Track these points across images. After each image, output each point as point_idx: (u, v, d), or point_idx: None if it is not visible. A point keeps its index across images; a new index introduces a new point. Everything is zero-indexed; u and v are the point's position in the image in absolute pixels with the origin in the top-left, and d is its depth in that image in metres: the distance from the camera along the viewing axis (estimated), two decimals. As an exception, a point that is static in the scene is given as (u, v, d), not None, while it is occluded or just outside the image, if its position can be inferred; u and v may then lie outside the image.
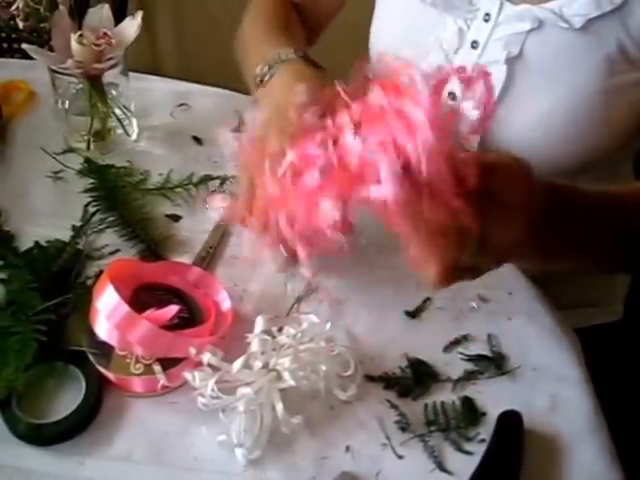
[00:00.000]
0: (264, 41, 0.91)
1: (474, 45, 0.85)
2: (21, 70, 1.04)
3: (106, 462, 0.68)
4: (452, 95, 0.87)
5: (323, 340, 0.73)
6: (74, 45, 0.86)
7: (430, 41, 0.87)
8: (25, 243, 0.83)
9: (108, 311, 0.71)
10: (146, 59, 0.90)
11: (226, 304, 0.77)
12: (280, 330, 0.74)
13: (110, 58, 0.88)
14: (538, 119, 0.84)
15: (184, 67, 1.39)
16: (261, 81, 0.84)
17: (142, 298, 0.74)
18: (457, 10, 0.85)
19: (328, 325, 0.74)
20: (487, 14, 0.83)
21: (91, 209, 0.86)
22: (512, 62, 0.83)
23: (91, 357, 0.72)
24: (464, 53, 0.86)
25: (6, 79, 1.02)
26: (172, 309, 0.73)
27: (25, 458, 0.68)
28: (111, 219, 0.86)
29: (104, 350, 0.72)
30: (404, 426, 0.70)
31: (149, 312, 0.72)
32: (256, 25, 0.97)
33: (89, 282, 0.79)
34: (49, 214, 0.87)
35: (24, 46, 0.85)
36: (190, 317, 0.75)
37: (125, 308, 0.70)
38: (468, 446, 0.69)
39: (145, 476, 0.67)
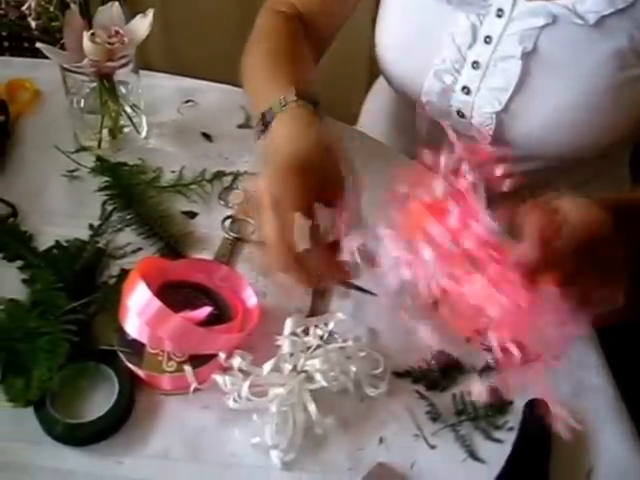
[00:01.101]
0: (266, 78, 0.86)
1: (487, 40, 0.87)
2: (24, 69, 1.03)
3: (144, 461, 0.69)
4: (466, 89, 0.89)
5: (351, 339, 0.74)
6: (87, 44, 0.85)
7: (443, 37, 0.89)
8: (43, 243, 0.83)
9: (140, 308, 0.71)
10: (137, 58, 0.90)
11: (252, 301, 0.78)
12: (306, 331, 0.75)
13: (122, 56, 0.87)
14: (551, 113, 0.86)
15: (175, 65, 1.38)
16: (262, 131, 0.79)
17: (170, 296, 0.74)
18: (470, 6, 0.86)
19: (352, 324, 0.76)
20: (500, 10, 0.85)
21: (108, 208, 0.86)
22: (527, 57, 0.85)
23: (122, 356, 0.73)
24: (478, 48, 0.87)
25: (9, 78, 1.01)
26: (205, 310, 0.74)
27: (63, 459, 0.69)
28: (128, 217, 0.86)
29: (135, 348, 0.73)
30: (435, 416, 0.72)
31: (182, 314, 0.72)
32: (259, 61, 0.90)
33: (112, 281, 0.80)
34: (65, 213, 0.87)
35: (38, 45, 0.84)
36: (218, 314, 0.76)
37: (157, 304, 0.71)
38: (498, 434, 0.71)
39: (184, 473, 0.68)
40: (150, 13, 0.89)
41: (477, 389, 0.66)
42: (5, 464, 0.68)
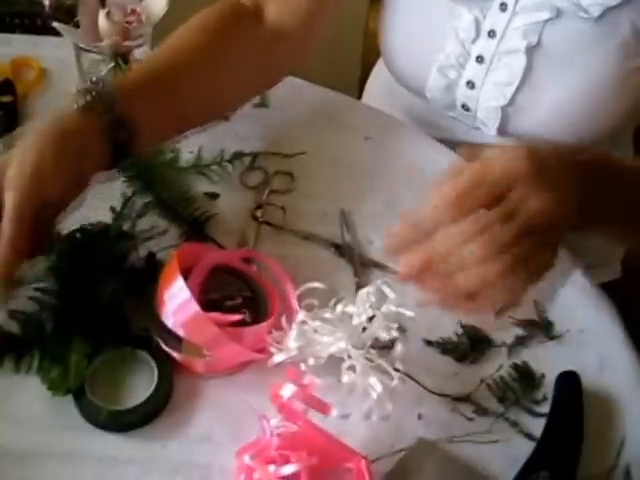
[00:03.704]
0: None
1: (491, 34, 0.87)
2: (25, 46, 1.01)
3: (188, 444, 0.69)
4: (471, 84, 0.89)
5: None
6: (103, 22, 0.84)
7: (446, 31, 0.89)
8: (64, 227, 0.82)
9: (176, 306, 0.71)
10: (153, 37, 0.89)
11: (292, 295, 0.77)
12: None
13: (139, 35, 0.86)
14: (556, 105, 0.87)
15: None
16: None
17: (210, 283, 0.74)
18: (472, 1, 0.86)
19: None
20: (503, 4, 0.85)
21: (128, 189, 0.86)
22: (531, 51, 0.86)
23: (160, 341, 0.73)
24: (482, 43, 0.88)
25: (12, 56, 0.98)
26: (237, 317, 0.73)
27: (106, 445, 0.69)
28: (149, 199, 0.85)
29: (173, 334, 0.72)
30: (483, 412, 0.73)
31: (216, 315, 0.71)
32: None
33: (141, 264, 0.79)
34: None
35: (54, 24, 0.83)
36: (254, 302, 0.76)
37: (194, 308, 0.70)
38: (539, 408, 0.73)
39: (228, 455, 0.68)
40: (165, -9, 0.88)
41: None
42: (49, 453, 0.68)
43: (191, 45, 0.81)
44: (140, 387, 0.71)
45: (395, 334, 0.71)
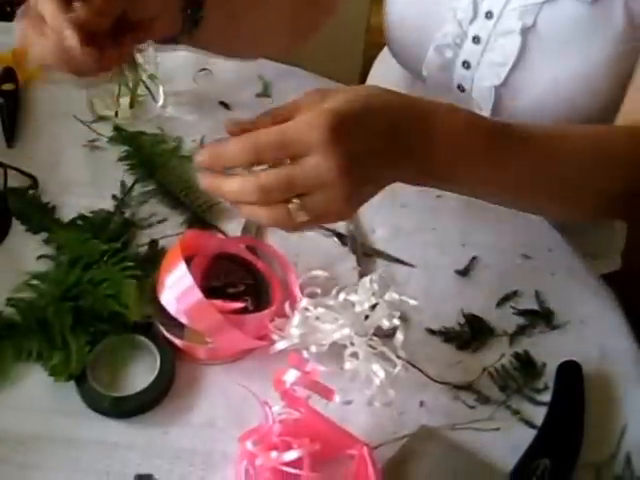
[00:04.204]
0: None
1: (488, 15, 0.88)
2: (27, 35, 1.00)
3: (191, 430, 0.69)
4: (467, 64, 0.89)
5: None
6: (105, 10, 0.84)
7: (444, 11, 0.89)
8: (66, 214, 0.82)
9: (178, 293, 0.71)
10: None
11: (294, 283, 0.77)
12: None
13: (141, 23, 0.86)
14: (549, 87, 0.87)
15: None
16: None
17: (212, 270, 0.75)
18: None
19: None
20: None
21: (131, 177, 0.85)
22: (526, 32, 0.86)
23: (162, 328, 0.73)
24: (479, 23, 0.88)
25: (13, 45, 0.98)
26: (239, 304, 0.73)
27: (108, 431, 0.69)
28: (151, 187, 0.85)
29: (176, 321, 0.72)
30: (484, 400, 0.73)
31: (218, 302, 0.72)
32: None
33: (143, 252, 0.79)
34: (86, 184, 0.86)
35: (56, 12, 0.82)
36: (257, 290, 0.76)
37: (197, 295, 0.70)
38: (540, 397, 0.73)
39: (232, 442, 0.68)
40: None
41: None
42: (51, 438, 0.68)
43: None
44: (142, 373, 0.71)
45: (397, 322, 0.71)
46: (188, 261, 0.72)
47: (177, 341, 0.72)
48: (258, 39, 0.88)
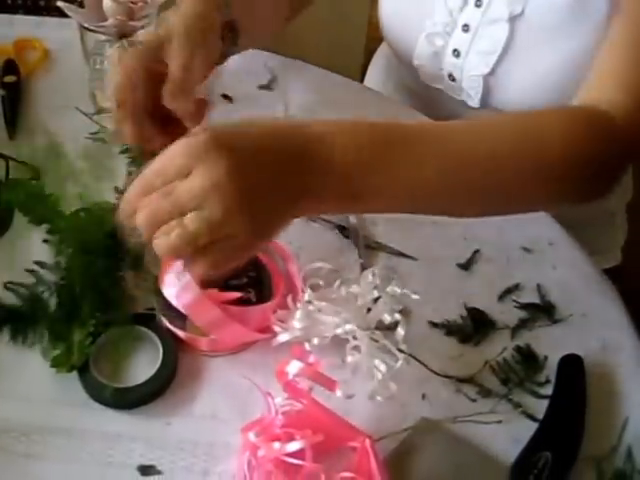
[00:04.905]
0: None
1: (478, 4, 0.88)
2: (29, 27, 1.01)
3: (193, 421, 0.69)
4: (456, 52, 0.90)
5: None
6: (107, 2, 0.84)
7: (435, 0, 0.89)
8: (68, 206, 0.82)
9: (178, 289, 0.70)
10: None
11: (296, 275, 0.77)
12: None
13: (144, 16, 0.86)
14: (538, 76, 0.88)
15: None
16: None
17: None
18: None
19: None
20: None
21: (132, 169, 0.85)
22: (514, 21, 0.86)
23: (165, 319, 0.73)
24: (469, 11, 0.89)
25: (14, 37, 0.98)
26: (236, 294, 0.73)
27: (111, 422, 0.69)
28: (154, 180, 0.85)
29: (178, 312, 0.72)
30: (486, 393, 0.73)
31: (216, 292, 0.72)
32: None
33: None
34: (88, 176, 0.85)
35: (59, 3, 0.82)
36: (259, 282, 0.76)
37: (195, 290, 0.69)
38: (543, 390, 0.73)
39: (234, 433, 0.68)
40: (171, -29, 0.87)
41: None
42: (53, 429, 0.68)
43: None
44: (145, 365, 0.71)
45: (398, 317, 0.71)
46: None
47: (179, 332, 0.72)
48: (267, 23, 0.87)
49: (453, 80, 0.93)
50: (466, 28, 0.89)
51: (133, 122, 0.70)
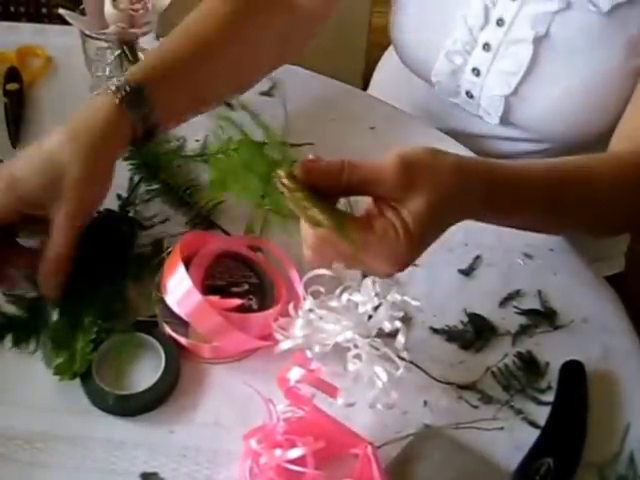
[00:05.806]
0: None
1: (500, 23, 0.88)
2: (31, 35, 1.01)
3: (196, 429, 0.70)
4: (476, 71, 0.90)
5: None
6: (109, 10, 0.84)
7: (455, 18, 0.90)
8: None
9: (179, 296, 0.71)
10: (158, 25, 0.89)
11: (297, 282, 0.78)
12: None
13: (145, 23, 0.86)
14: (560, 98, 0.88)
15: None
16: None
17: (216, 269, 0.75)
18: None
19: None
20: None
21: (136, 177, 0.86)
22: (538, 42, 0.86)
23: (167, 326, 0.73)
24: (490, 30, 0.88)
25: (17, 44, 0.98)
26: (237, 301, 0.73)
27: (114, 430, 0.69)
28: (156, 187, 0.85)
29: (181, 319, 0.72)
30: (487, 400, 0.73)
31: (216, 299, 0.72)
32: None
33: (147, 251, 0.79)
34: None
35: (61, 11, 0.83)
36: (261, 289, 0.76)
37: (197, 298, 0.70)
38: (544, 397, 0.73)
39: (236, 440, 0.68)
40: (172, -21, 0.88)
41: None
42: (56, 436, 0.68)
43: (206, 30, 0.82)
44: (147, 372, 0.71)
45: (398, 324, 0.71)
46: (188, 263, 0.73)
47: (182, 340, 0.73)
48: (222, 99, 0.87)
49: (471, 97, 0.93)
50: (487, 47, 0.89)
51: None
